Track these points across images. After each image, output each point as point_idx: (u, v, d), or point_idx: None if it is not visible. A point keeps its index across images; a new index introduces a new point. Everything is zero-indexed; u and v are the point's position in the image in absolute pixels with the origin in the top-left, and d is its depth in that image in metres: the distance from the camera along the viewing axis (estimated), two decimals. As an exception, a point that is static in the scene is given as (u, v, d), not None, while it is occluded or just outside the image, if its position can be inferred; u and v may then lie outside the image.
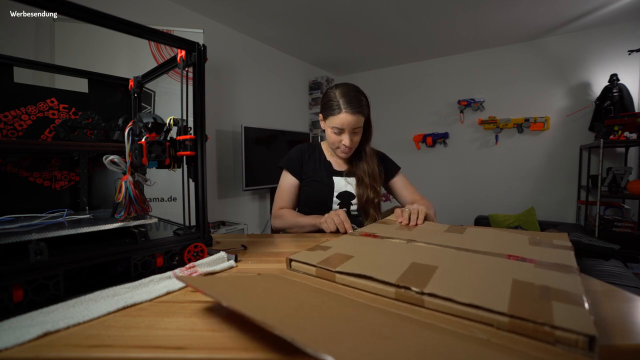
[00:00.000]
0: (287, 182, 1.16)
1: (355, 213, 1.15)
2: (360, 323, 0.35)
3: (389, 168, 1.21)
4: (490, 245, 0.62)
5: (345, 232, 0.90)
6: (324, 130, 1.13)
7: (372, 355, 0.28)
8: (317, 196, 1.15)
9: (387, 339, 0.31)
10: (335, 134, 1.06)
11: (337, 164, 1.18)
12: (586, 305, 0.35)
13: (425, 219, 0.89)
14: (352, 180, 1.15)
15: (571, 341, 0.30)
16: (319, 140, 2.36)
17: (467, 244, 0.64)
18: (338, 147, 1.10)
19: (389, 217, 0.96)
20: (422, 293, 0.40)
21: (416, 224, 0.86)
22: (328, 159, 1.19)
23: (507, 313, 0.34)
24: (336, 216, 0.94)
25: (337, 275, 0.50)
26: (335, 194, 1.13)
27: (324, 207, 1.13)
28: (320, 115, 1.12)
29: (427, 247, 0.63)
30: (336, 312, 0.38)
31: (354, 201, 1.14)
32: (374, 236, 0.74)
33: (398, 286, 0.42)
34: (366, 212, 1.12)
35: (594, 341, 0.29)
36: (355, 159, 1.16)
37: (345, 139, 1.05)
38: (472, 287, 0.41)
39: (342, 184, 1.14)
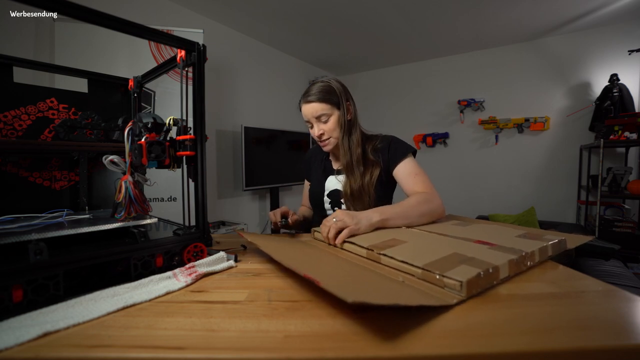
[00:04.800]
0: (305, 184, 1.27)
1: None
2: (338, 268, 0.56)
3: (391, 156, 1.01)
4: (472, 234, 0.67)
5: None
6: None
7: (338, 280, 0.48)
8: (312, 196, 1.15)
9: (350, 276, 0.51)
10: (311, 128, 1.04)
11: (336, 163, 1.13)
12: (492, 269, 0.46)
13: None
14: (343, 177, 1.07)
15: (451, 285, 0.44)
16: None
17: (454, 232, 0.70)
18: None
19: None
20: (379, 254, 0.57)
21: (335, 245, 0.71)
22: (330, 158, 1.16)
23: (421, 266, 0.48)
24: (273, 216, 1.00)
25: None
26: (326, 192, 1.10)
27: (319, 207, 1.12)
28: None
29: (417, 231, 0.74)
30: (329, 262, 0.60)
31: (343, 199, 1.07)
32: None
33: (367, 249, 0.60)
34: (352, 209, 1.01)
35: (462, 284, 0.42)
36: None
37: (315, 129, 1.02)
38: (414, 253, 0.55)
39: (333, 183, 1.09)
